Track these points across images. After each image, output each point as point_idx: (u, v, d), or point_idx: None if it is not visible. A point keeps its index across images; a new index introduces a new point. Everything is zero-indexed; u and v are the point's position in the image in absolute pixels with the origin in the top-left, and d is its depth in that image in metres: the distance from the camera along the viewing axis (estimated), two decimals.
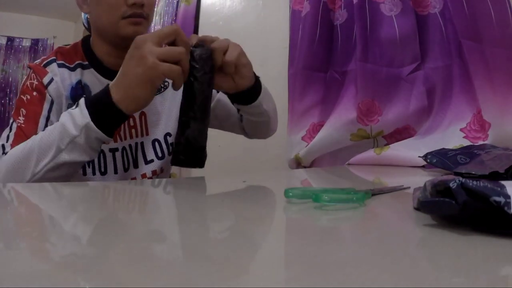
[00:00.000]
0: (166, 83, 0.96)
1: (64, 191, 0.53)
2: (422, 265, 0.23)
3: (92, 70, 0.88)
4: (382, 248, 0.26)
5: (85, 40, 0.91)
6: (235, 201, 0.46)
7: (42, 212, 0.39)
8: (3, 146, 0.75)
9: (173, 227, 0.33)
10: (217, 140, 0.94)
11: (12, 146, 0.74)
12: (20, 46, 4.49)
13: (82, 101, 0.64)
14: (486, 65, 0.92)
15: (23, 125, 0.78)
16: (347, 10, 1.20)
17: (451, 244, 0.26)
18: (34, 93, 0.83)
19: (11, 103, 4.42)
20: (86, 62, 0.88)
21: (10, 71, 4.46)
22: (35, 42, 4.50)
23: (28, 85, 0.84)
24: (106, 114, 0.63)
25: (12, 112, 0.82)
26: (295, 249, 0.26)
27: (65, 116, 0.64)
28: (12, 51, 4.46)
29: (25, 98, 0.82)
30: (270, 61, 1.53)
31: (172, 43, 0.64)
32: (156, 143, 0.93)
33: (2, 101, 4.42)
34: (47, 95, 0.83)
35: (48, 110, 0.83)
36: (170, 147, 0.97)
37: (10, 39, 4.46)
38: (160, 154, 0.93)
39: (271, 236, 0.30)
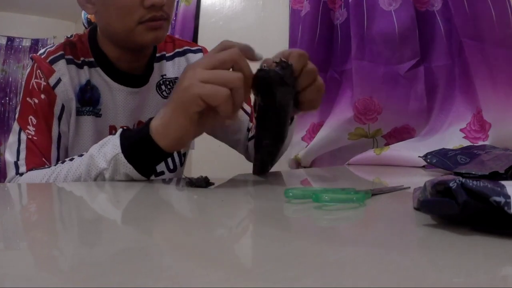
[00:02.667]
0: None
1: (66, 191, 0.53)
2: (422, 265, 0.23)
3: (98, 69, 0.77)
4: (382, 248, 0.26)
5: (92, 35, 0.79)
6: (235, 201, 0.46)
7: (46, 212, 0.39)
8: (16, 164, 0.66)
9: (171, 226, 0.33)
10: (218, 140, 0.93)
11: (27, 163, 0.66)
12: (20, 46, 4.49)
13: (119, 131, 0.55)
14: (487, 64, 0.92)
15: (35, 138, 0.68)
16: (347, 10, 1.20)
17: (451, 244, 0.26)
18: (43, 96, 0.71)
19: (11, 103, 4.42)
20: (92, 59, 0.77)
21: (10, 71, 4.46)
22: (35, 42, 4.50)
23: (35, 86, 0.72)
24: (140, 147, 0.53)
25: (17, 116, 0.72)
26: (295, 249, 0.26)
27: (95, 147, 0.56)
28: (12, 51, 4.46)
29: (32, 103, 0.71)
30: None
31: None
32: None
33: (2, 101, 4.42)
34: (57, 99, 0.72)
35: (58, 116, 0.72)
36: (183, 158, 0.89)
37: (10, 39, 4.46)
38: (171, 166, 0.85)
39: (271, 236, 0.30)
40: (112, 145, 0.54)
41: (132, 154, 0.53)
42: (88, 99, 0.76)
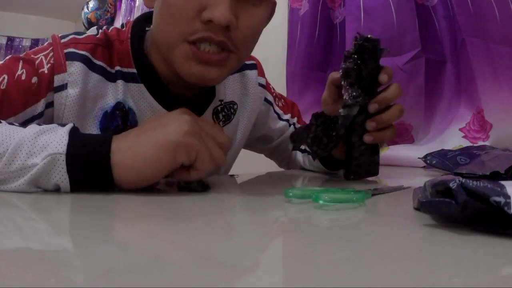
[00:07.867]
0: (231, 114, 0.66)
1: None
2: (422, 265, 0.23)
3: (142, 86, 0.54)
4: (382, 248, 0.26)
5: (136, 34, 0.56)
6: (235, 201, 0.46)
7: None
8: None
9: (172, 226, 0.33)
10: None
11: None
12: (20, 46, 4.49)
13: (69, 125, 0.42)
14: (491, 63, 0.90)
15: None
16: (346, 8, 1.20)
17: (451, 244, 0.26)
18: (34, 79, 0.49)
19: None
20: (133, 71, 0.54)
21: None
22: (35, 42, 4.50)
23: (36, 61, 0.51)
24: (90, 167, 0.40)
25: None
26: (294, 249, 0.26)
27: (31, 130, 0.40)
28: (12, 51, 4.46)
29: (19, 71, 0.49)
30: (270, 60, 1.54)
31: None
32: None
33: None
34: (51, 95, 0.51)
35: (40, 112, 0.50)
36: None
37: (10, 39, 4.46)
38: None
39: (271, 236, 0.30)
40: (55, 136, 0.40)
41: (76, 165, 0.39)
42: (115, 127, 0.54)
